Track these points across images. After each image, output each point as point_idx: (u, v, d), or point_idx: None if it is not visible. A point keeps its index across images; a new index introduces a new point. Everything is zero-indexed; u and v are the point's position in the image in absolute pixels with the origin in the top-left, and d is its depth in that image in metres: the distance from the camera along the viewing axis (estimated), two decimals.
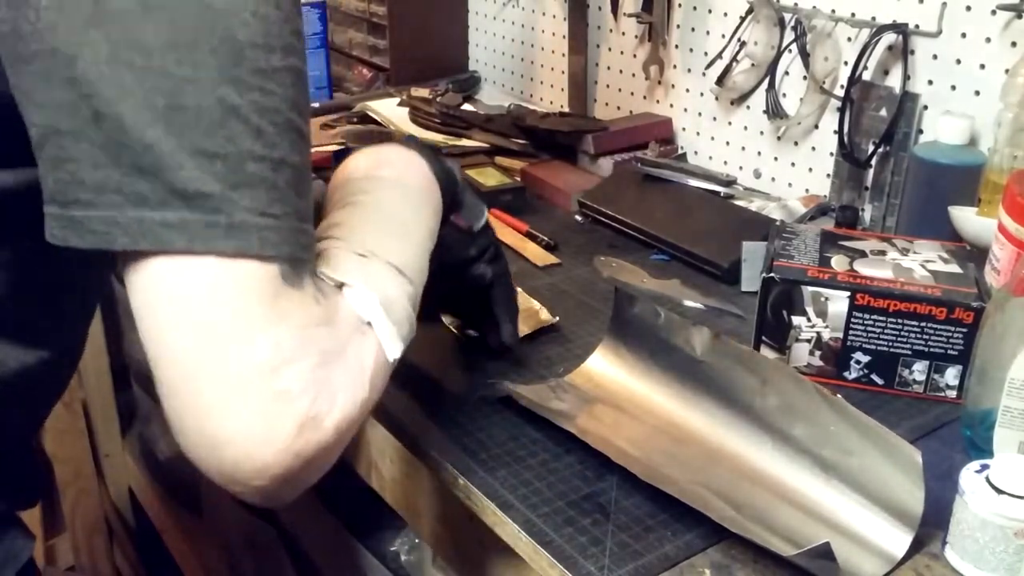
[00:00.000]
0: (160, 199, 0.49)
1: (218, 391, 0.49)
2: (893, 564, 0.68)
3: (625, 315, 0.89)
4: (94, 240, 0.49)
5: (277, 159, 0.51)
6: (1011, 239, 0.91)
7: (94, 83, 0.48)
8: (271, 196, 0.51)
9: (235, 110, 0.50)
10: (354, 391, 0.55)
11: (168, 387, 0.51)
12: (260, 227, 0.50)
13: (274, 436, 0.50)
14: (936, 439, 0.82)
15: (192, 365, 0.50)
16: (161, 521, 1.91)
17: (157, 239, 0.49)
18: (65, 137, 0.49)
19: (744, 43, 1.35)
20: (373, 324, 0.58)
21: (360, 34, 1.91)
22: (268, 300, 0.51)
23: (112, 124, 0.48)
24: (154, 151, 0.48)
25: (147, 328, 0.51)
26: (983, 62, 1.10)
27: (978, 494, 0.66)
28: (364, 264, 0.60)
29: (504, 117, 1.55)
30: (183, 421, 0.51)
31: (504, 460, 0.78)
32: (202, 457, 0.51)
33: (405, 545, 1.31)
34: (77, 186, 0.49)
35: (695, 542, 0.70)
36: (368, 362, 0.56)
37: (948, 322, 0.85)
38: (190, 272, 0.50)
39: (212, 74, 0.49)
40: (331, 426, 0.53)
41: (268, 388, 0.50)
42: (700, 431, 0.81)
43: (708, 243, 1.14)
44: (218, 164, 0.49)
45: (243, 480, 0.51)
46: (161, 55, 0.48)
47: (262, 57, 0.51)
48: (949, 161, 1.08)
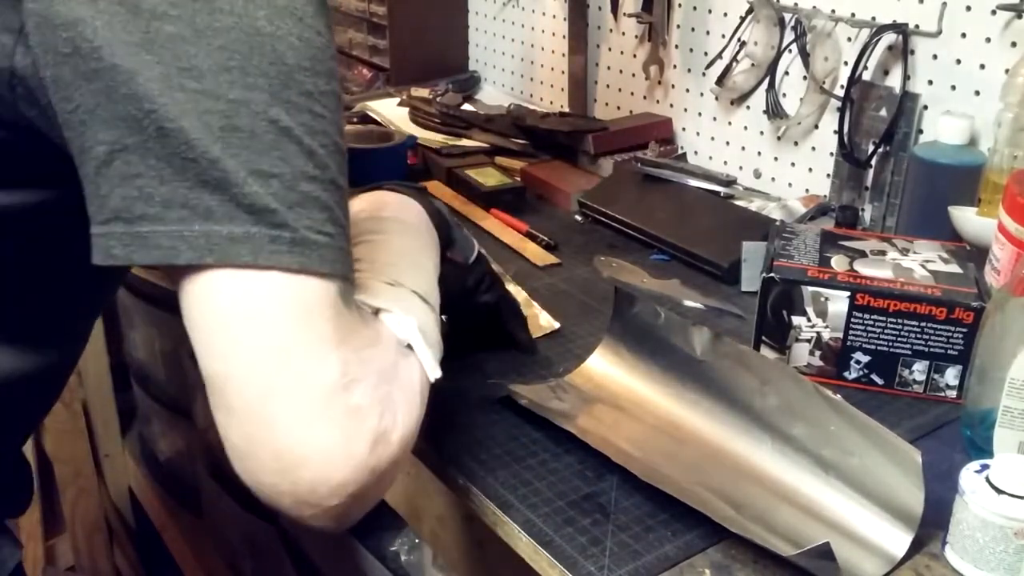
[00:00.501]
0: (227, 213, 0.49)
1: (295, 409, 0.49)
2: (893, 564, 0.68)
3: (625, 315, 0.89)
4: (160, 255, 0.49)
5: (328, 180, 0.52)
6: (1011, 239, 0.91)
7: (155, 99, 0.48)
8: (325, 215, 0.52)
9: (287, 131, 0.50)
10: (410, 407, 0.56)
11: (236, 409, 0.50)
12: (319, 244, 0.51)
13: (352, 453, 0.51)
14: (936, 439, 0.82)
15: (264, 385, 0.49)
16: (161, 521, 1.91)
17: (223, 253, 0.49)
18: (132, 153, 0.49)
19: (744, 43, 1.35)
20: (414, 346, 0.59)
21: (360, 34, 1.91)
22: (332, 318, 0.51)
23: (177, 139, 0.49)
24: (219, 166, 0.49)
25: (213, 348, 0.50)
26: (983, 62, 1.10)
27: (978, 494, 0.66)
28: (394, 292, 0.62)
29: (504, 117, 1.55)
30: (255, 444, 0.50)
31: (504, 460, 0.78)
32: (274, 482, 0.51)
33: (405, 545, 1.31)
34: (145, 201, 0.49)
35: (695, 542, 0.70)
36: (416, 381, 0.58)
37: (948, 322, 0.85)
38: (256, 288, 0.50)
39: (264, 96, 0.50)
40: (397, 440, 0.54)
41: (343, 404, 0.50)
42: (700, 431, 0.81)
43: (708, 243, 1.14)
44: (275, 183, 0.50)
45: (318, 501, 0.51)
46: (214, 78, 0.49)
47: (309, 80, 0.51)
48: (949, 161, 1.08)
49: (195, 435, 1.71)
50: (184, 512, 1.85)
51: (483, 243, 0.92)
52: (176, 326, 1.80)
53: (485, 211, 1.30)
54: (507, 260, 1.16)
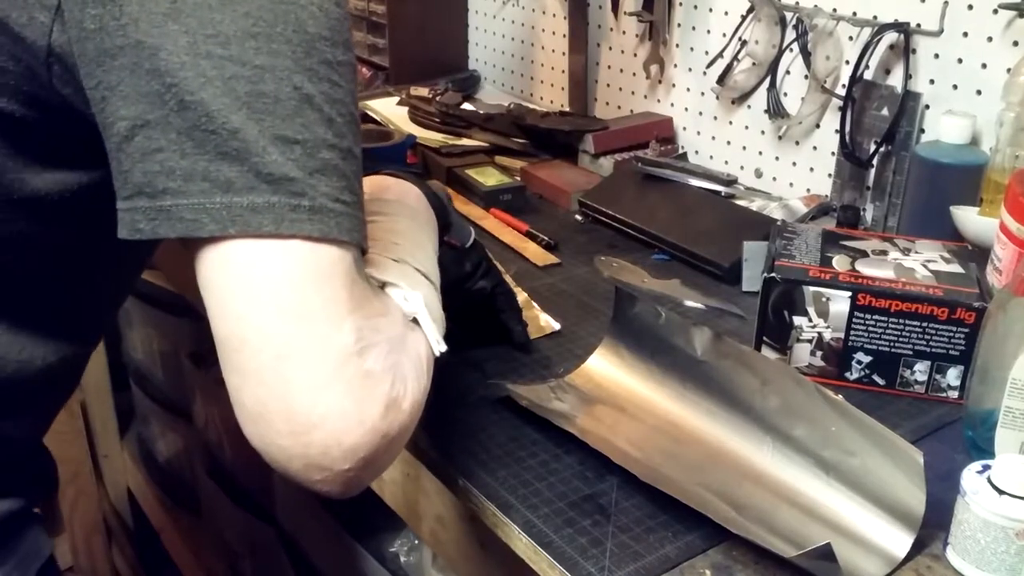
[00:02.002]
0: (247, 184, 0.50)
1: (309, 372, 0.50)
2: (894, 565, 0.68)
3: (625, 315, 0.89)
4: (184, 228, 0.50)
5: (346, 148, 0.53)
6: (1013, 239, 0.91)
7: (176, 72, 0.49)
8: (342, 184, 0.53)
9: (309, 99, 0.51)
10: (419, 377, 0.57)
11: (251, 372, 0.51)
12: (337, 212, 0.52)
13: (365, 416, 0.51)
14: (937, 440, 0.82)
15: (280, 348, 0.50)
16: (160, 521, 1.91)
17: (245, 223, 0.50)
18: (154, 128, 0.50)
19: (745, 42, 1.35)
20: (419, 320, 0.60)
21: (360, 33, 1.90)
22: (348, 285, 0.52)
23: (197, 112, 0.49)
24: (239, 136, 0.49)
25: (227, 314, 0.51)
26: (985, 61, 1.10)
27: (980, 495, 0.66)
28: (400, 267, 0.62)
29: (504, 116, 1.55)
30: (268, 406, 0.51)
31: (504, 460, 0.78)
32: (286, 445, 0.51)
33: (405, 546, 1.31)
34: (167, 176, 0.50)
35: (696, 543, 0.70)
36: (423, 354, 0.59)
37: (950, 322, 0.84)
38: (277, 255, 0.50)
39: (288, 63, 0.51)
40: (408, 407, 0.54)
41: (357, 369, 0.51)
42: (700, 431, 0.81)
43: (709, 243, 1.13)
44: (297, 150, 0.51)
45: (329, 464, 0.51)
46: (239, 44, 0.50)
47: (329, 50, 0.52)
48: (951, 160, 1.08)
49: (193, 435, 1.71)
50: (183, 512, 1.85)
51: (483, 243, 0.92)
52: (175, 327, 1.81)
53: (485, 211, 1.30)
54: (507, 260, 1.16)
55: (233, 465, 1.59)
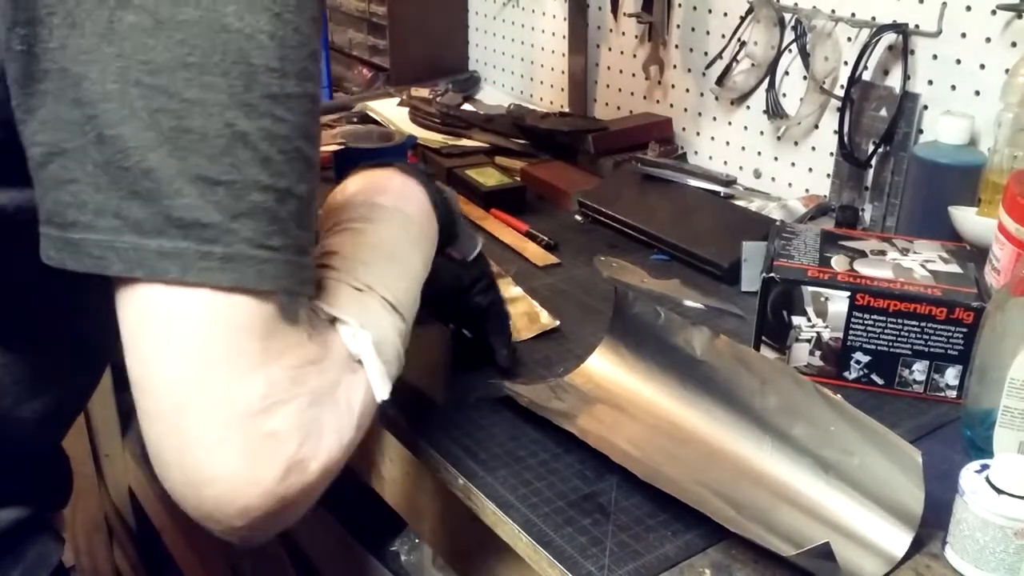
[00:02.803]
0: (156, 227, 0.47)
1: (205, 428, 0.48)
2: (893, 564, 0.68)
3: (625, 315, 0.89)
4: (91, 264, 0.48)
5: (282, 189, 0.50)
6: (1011, 239, 0.91)
7: (99, 104, 0.47)
8: (272, 228, 0.49)
9: (243, 136, 0.48)
10: (340, 432, 0.54)
11: (152, 418, 0.49)
12: (259, 260, 0.49)
13: (259, 478, 0.49)
14: (936, 439, 0.82)
15: (180, 398, 0.48)
16: (161, 521, 1.91)
17: (151, 268, 0.48)
18: (69, 158, 0.48)
19: (744, 43, 1.35)
20: (364, 363, 0.57)
21: (360, 34, 1.91)
22: (262, 336, 0.49)
23: (114, 146, 0.47)
24: (153, 176, 0.47)
25: (136, 356, 0.49)
26: (983, 62, 1.10)
27: (978, 494, 0.66)
28: (359, 299, 0.59)
29: (504, 117, 1.55)
30: (164, 454, 0.49)
31: (504, 460, 0.78)
32: (182, 494, 0.50)
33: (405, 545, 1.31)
34: (77, 208, 0.48)
35: (695, 542, 0.70)
36: (356, 402, 0.56)
37: (948, 322, 0.85)
38: (184, 303, 0.48)
39: (222, 97, 0.47)
40: (316, 468, 0.52)
41: (257, 429, 0.49)
42: (700, 431, 0.81)
43: (708, 243, 1.14)
44: (220, 192, 0.48)
45: (223, 520, 0.50)
46: (170, 74, 0.47)
47: (276, 83, 0.49)
48: (949, 161, 1.08)
49: None
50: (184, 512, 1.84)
51: (483, 243, 0.89)
52: None
53: (485, 211, 1.30)
54: (507, 260, 1.16)
55: None
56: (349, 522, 1.32)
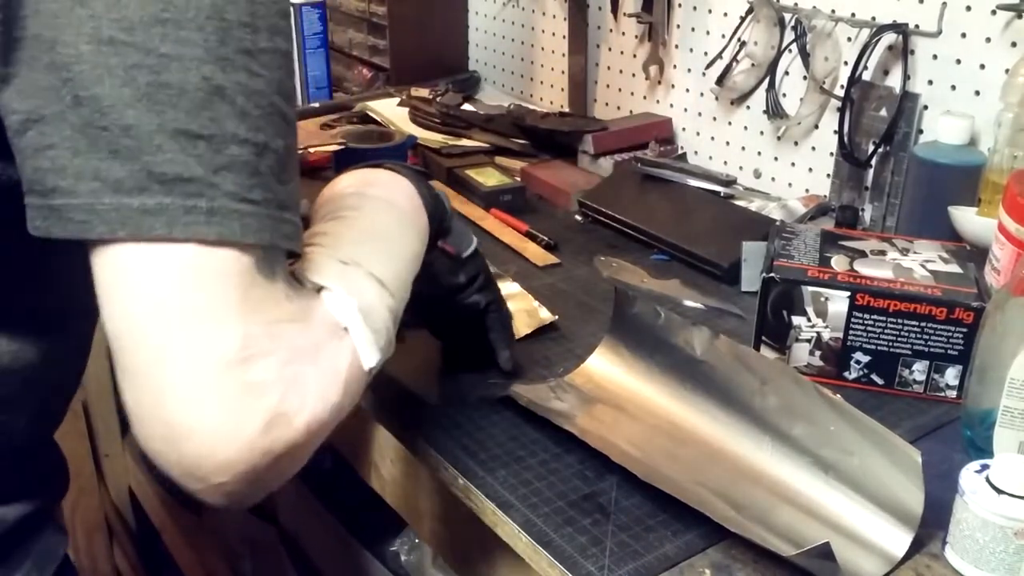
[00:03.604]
0: (138, 184, 0.47)
1: (183, 378, 0.48)
2: (893, 564, 0.68)
3: (625, 315, 0.89)
4: (74, 229, 0.48)
5: (261, 143, 0.50)
6: (1011, 239, 0.91)
7: (73, 66, 0.47)
8: (252, 182, 0.50)
9: (220, 90, 0.48)
10: (325, 392, 0.53)
11: (130, 373, 0.49)
12: (241, 213, 0.49)
13: (240, 430, 0.48)
14: (936, 439, 0.82)
15: (157, 350, 0.48)
16: (161, 521, 1.91)
17: (136, 226, 0.47)
18: (47, 124, 0.47)
19: (744, 43, 1.35)
20: (350, 329, 0.56)
21: (360, 34, 1.91)
22: (243, 289, 0.49)
23: (91, 107, 0.47)
24: (132, 133, 0.47)
25: (114, 312, 0.49)
26: (983, 62, 1.10)
27: (978, 494, 0.66)
28: (345, 271, 0.59)
29: (504, 117, 1.55)
30: (141, 409, 0.49)
31: (504, 460, 0.78)
32: (160, 450, 0.49)
33: (405, 545, 1.31)
34: (57, 174, 0.48)
35: (695, 542, 0.70)
36: (343, 366, 0.55)
37: (948, 322, 0.85)
38: (167, 258, 0.48)
39: (198, 52, 0.48)
40: (301, 424, 0.51)
41: (237, 379, 0.48)
42: (700, 431, 0.81)
43: (708, 243, 1.14)
44: (200, 146, 0.48)
45: (204, 476, 0.49)
46: (144, 31, 0.47)
47: (248, 37, 0.49)
48: (949, 161, 1.08)
49: None
50: (184, 512, 1.85)
51: (483, 243, 0.90)
52: None
53: (485, 211, 1.30)
54: (507, 260, 1.16)
55: None
56: (349, 522, 1.32)
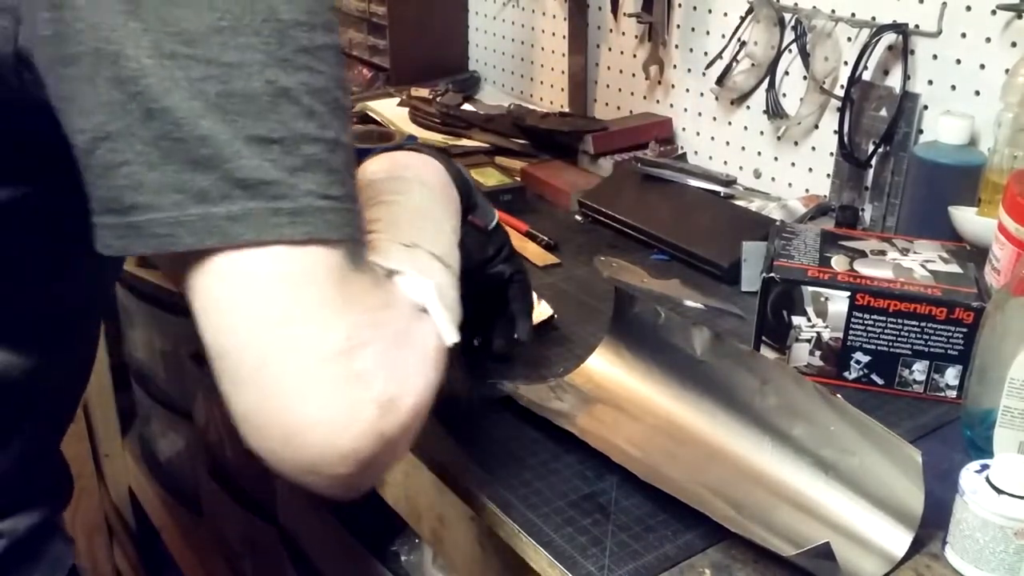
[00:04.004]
0: (222, 192, 0.48)
1: (295, 378, 0.48)
2: (893, 564, 0.68)
3: (625, 315, 0.89)
4: (157, 244, 0.48)
5: (331, 139, 0.50)
6: (1011, 239, 0.91)
7: (139, 80, 0.46)
8: (330, 178, 0.50)
9: (285, 92, 0.48)
10: (424, 372, 0.54)
11: (239, 379, 0.49)
12: (324, 210, 0.49)
13: (356, 419, 0.49)
14: (936, 439, 0.82)
15: (266, 355, 0.48)
16: (161, 521, 1.91)
17: (224, 234, 0.48)
18: (117, 140, 0.47)
19: (744, 43, 1.35)
20: (429, 309, 0.58)
21: (360, 34, 1.91)
22: (338, 284, 0.50)
23: (163, 120, 0.47)
24: (210, 143, 0.47)
25: (215, 326, 0.49)
26: (983, 62, 1.10)
27: (978, 494, 0.66)
28: (411, 253, 0.60)
29: (504, 117, 1.55)
30: (257, 414, 0.49)
31: (504, 460, 0.78)
32: (277, 450, 0.50)
33: (405, 545, 1.31)
34: (134, 190, 0.47)
35: (695, 542, 0.70)
36: (431, 345, 0.56)
37: (948, 322, 0.85)
38: (259, 263, 0.48)
39: (259, 56, 0.48)
40: (408, 406, 0.52)
41: (346, 371, 0.49)
42: (700, 431, 0.81)
43: (708, 243, 1.14)
44: (275, 149, 0.48)
45: (326, 469, 0.50)
46: (205, 41, 0.47)
47: (305, 36, 0.49)
48: (949, 161, 1.08)
49: (195, 435, 1.72)
50: (184, 512, 1.85)
51: None
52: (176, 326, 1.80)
53: None
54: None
55: (234, 465, 1.60)
56: (349, 522, 1.32)
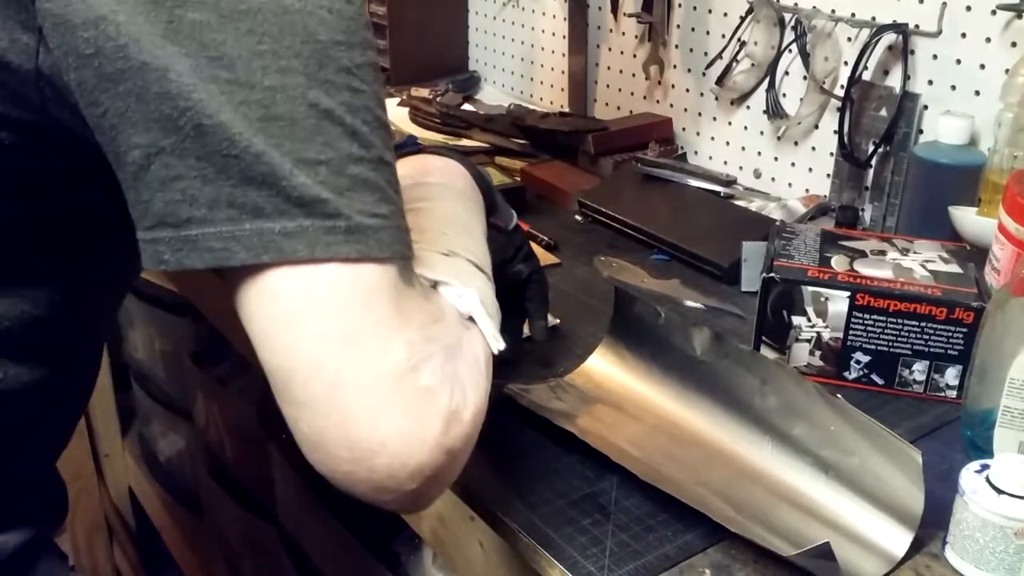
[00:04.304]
0: (277, 208, 0.48)
1: (364, 397, 0.48)
2: (893, 564, 0.68)
3: (625, 315, 0.89)
4: (212, 258, 0.48)
5: (375, 158, 0.51)
6: (1011, 239, 0.91)
7: (190, 94, 0.46)
8: (377, 196, 0.50)
9: (328, 113, 0.49)
10: (478, 382, 0.55)
11: (304, 405, 0.49)
12: (375, 228, 0.50)
13: (426, 433, 0.50)
14: (936, 439, 0.82)
15: (331, 375, 0.48)
16: (161, 521, 1.91)
17: (279, 250, 0.48)
18: (170, 155, 0.47)
19: (744, 43, 1.35)
20: (475, 318, 0.58)
21: None
22: (394, 301, 0.50)
23: (217, 135, 0.47)
24: (264, 159, 0.47)
25: (273, 346, 0.49)
26: (983, 62, 1.10)
27: (978, 494, 0.66)
28: (452, 262, 0.60)
29: (504, 117, 1.55)
30: (327, 435, 0.49)
31: (504, 460, 0.78)
32: (348, 471, 0.50)
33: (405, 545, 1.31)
34: (189, 204, 0.47)
35: (695, 542, 0.70)
36: (481, 354, 0.57)
37: (948, 322, 0.85)
38: (315, 280, 0.48)
39: (300, 79, 0.48)
40: (469, 418, 0.53)
41: (412, 387, 0.50)
42: (700, 431, 0.81)
43: (708, 243, 1.14)
44: (323, 171, 0.48)
45: (396, 486, 0.50)
46: (246, 65, 0.47)
47: (345, 55, 0.49)
48: (949, 161, 1.08)
49: (195, 435, 1.72)
50: (184, 512, 1.85)
51: None
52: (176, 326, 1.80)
53: None
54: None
55: (234, 465, 1.60)
56: (349, 522, 1.32)
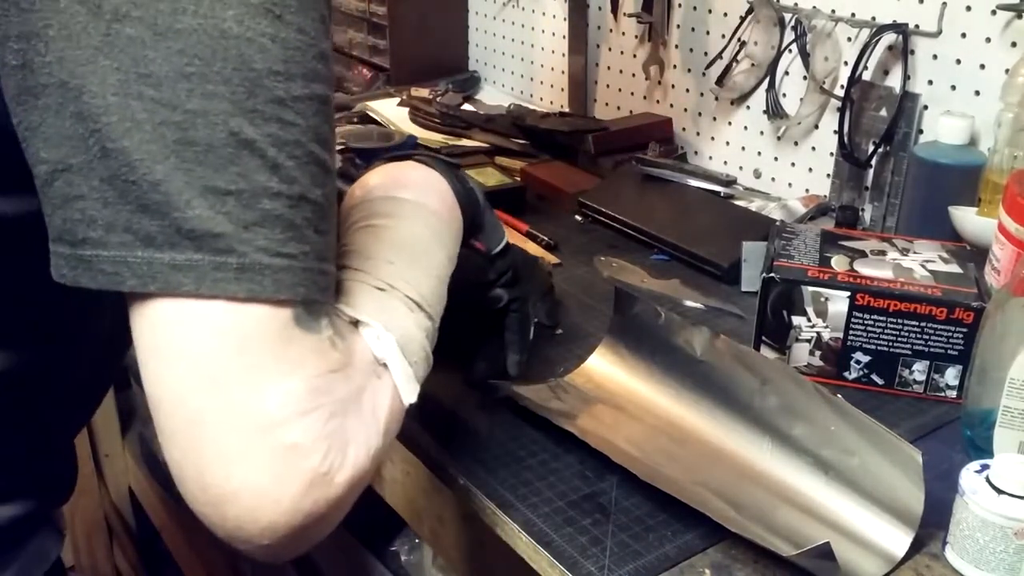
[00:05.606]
0: (168, 239, 0.47)
1: (223, 442, 0.47)
2: (893, 564, 0.68)
3: (625, 315, 0.89)
4: (104, 281, 0.47)
5: (296, 195, 0.49)
6: (1011, 239, 0.91)
7: (101, 117, 0.46)
8: (287, 235, 0.48)
9: (249, 144, 0.47)
10: (367, 441, 0.52)
11: (169, 435, 0.48)
12: (275, 268, 0.48)
13: (281, 494, 0.48)
14: (936, 439, 0.82)
15: (195, 413, 0.47)
16: (161, 521, 1.91)
17: (165, 281, 0.47)
18: (75, 174, 0.47)
19: (744, 43, 1.35)
20: (389, 366, 0.56)
21: (360, 34, 1.91)
22: (279, 347, 0.48)
23: (119, 160, 0.46)
24: (161, 189, 0.46)
25: (150, 372, 0.48)
26: (983, 62, 1.10)
27: (978, 494, 0.66)
28: (382, 299, 0.58)
29: (504, 117, 1.55)
30: (185, 471, 0.48)
31: (504, 460, 0.78)
32: (204, 512, 0.49)
33: (405, 545, 1.31)
34: (87, 225, 0.47)
35: (695, 542, 0.70)
36: (383, 408, 0.55)
37: (948, 322, 0.85)
38: (198, 316, 0.47)
39: (224, 106, 0.46)
40: (342, 481, 0.50)
41: (276, 442, 0.47)
42: (700, 431, 0.81)
43: (708, 243, 1.14)
44: (230, 202, 0.47)
45: (248, 539, 0.49)
46: (171, 86, 0.46)
47: (281, 86, 0.48)
48: (949, 161, 1.08)
49: None
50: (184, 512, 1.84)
51: None
52: None
53: None
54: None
55: None
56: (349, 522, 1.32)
